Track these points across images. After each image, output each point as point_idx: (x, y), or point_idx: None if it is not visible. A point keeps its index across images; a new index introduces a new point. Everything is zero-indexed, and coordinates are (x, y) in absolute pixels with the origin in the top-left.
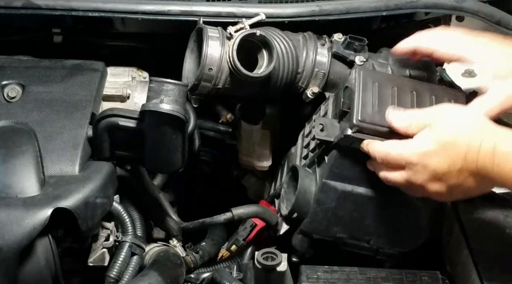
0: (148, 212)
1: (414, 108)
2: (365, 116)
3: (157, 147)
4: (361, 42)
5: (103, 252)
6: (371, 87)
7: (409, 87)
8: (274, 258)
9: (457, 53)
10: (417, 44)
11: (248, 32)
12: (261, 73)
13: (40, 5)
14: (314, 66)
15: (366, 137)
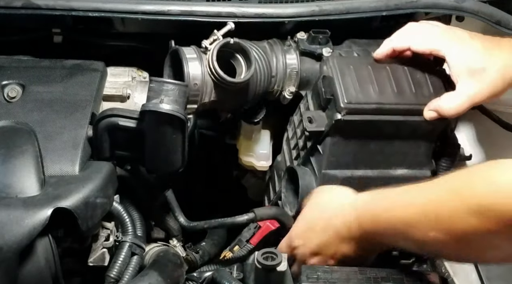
0: (148, 212)
1: (392, 81)
2: (350, 98)
3: (157, 147)
4: (325, 34)
5: (103, 252)
6: (348, 71)
7: (382, 65)
8: (274, 258)
9: (431, 46)
10: (394, 44)
11: (224, 41)
12: (244, 78)
13: (40, 5)
14: (286, 67)
15: (355, 117)
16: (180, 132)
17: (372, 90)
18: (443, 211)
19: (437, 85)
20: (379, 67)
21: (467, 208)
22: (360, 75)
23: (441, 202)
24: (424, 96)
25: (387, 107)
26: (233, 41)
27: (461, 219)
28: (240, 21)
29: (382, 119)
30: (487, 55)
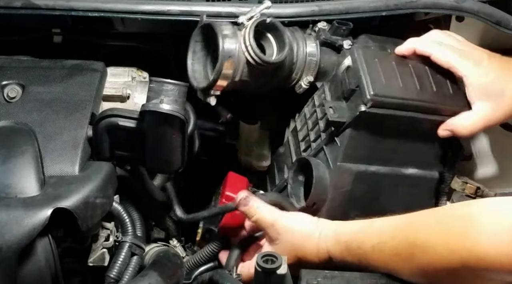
0: (148, 212)
1: (414, 78)
2: (376, 90)
3: (157, 147)
4: (348, 26)
5: (103, 252)
6: (373, 63)
7: (405, 61)
8: (274, 260)
9: (451, 63)
10: (417, 46)
11: (261, 19)
12: (278, 58)
13: (40, 5)
14: (306, 56)
15: (379, 110)
16: (180, 132)
17: (396, 85)
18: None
19: (456, 87)
20: (403, 63)
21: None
22: (385, 68)
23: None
24: (444, 96)
25: (410, 103)
26: (270, 20)
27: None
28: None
29: (404, 115)
30: (504, 78)
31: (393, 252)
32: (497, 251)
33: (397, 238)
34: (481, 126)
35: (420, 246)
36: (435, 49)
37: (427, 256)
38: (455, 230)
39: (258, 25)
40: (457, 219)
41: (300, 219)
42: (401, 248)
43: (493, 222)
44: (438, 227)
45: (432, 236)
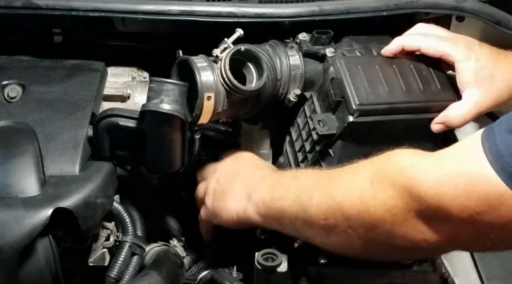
0: (148, 212)
1: (399, 80)
2: (362, 99)
3: (157, 147)
4: (328, 34)
5: (103, 252)
6: (356, 71)
7: (388, 62)
8: (274, 258)
9: (442, 50)
10: (404, 42)
11: (235, 49)
12: (257, 85)
13: (40, 5)
14: (290, 70)
15: (367, 119)
16: (180, 132)
17: (382, 90)
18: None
19: (443, 81)
20: (386, 66)
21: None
22: (369, 75)
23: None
24: (432, 93)
25: (397, 106)
26: (244, 48)
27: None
28: (240, 21)
29: (393, 119)
30: (494, 64)
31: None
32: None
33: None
34: (473, 114)
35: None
36: (423, 41)
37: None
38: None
39: (235, 54)
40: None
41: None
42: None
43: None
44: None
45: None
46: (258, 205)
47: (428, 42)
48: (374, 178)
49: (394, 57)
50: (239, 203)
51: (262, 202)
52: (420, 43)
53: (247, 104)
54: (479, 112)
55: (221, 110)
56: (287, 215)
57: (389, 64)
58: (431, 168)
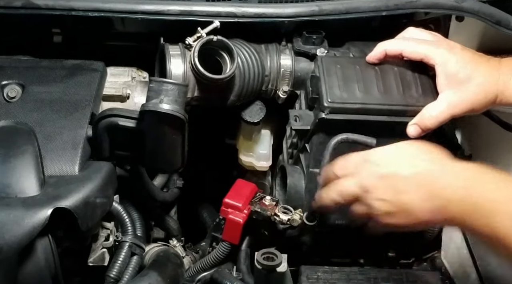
0: (148, 212)
1: (379, 82)
2: (334, 97)
3: (157, 147)
4: (319, 34)
5: (103, 252)
6: (335, 70)
7: (371, 65)
8: (274, 258)
9: (422, 53)
10: (386, 47)
11: (207, 39)
12: (225, 74)
13: (40, 5)
14: (280, 67)
15: (338, 116)
16: (180, 132)
17: (357, 90)
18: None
19: (426, 86)
20: (368, 67)
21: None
22: (347, 74)
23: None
24: (412, 97)
25: (371, 107)
26: (216, 39)
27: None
28: (240, 21)
29: (367, 119)
30: (473, 67)
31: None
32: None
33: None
34: (446, 115)
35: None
36: (403, 45)
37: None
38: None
39: (207, 43)
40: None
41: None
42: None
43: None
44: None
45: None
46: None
47: (408, 46)
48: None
49: (382, 61)
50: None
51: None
52: (401, 47)
53: (220, 94)
54: (452, 114)
55: (190, 97)
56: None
57: (371, 66)
58: None
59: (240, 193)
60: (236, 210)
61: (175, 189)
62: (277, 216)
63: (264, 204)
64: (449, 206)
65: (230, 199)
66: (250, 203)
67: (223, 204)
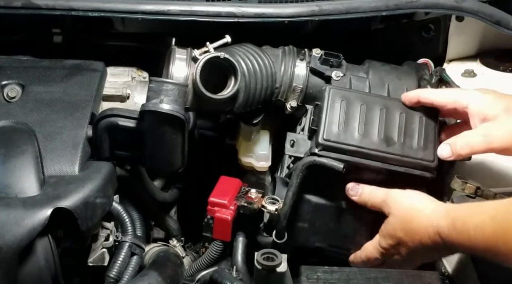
0: (148, 212)
1: (381, 126)
2: (330, 135)
3: (157, 147)
4: (337, 58)
5: (103, 252)
6: (339, 105)
7: (379, 104)
8: (274, 258)
9: (454, 97)
10: (420, 95)
11: (212, 55)
12: (222, 95)
13: (40, 5)
14: (292, 81)
15: (331, 155)
16: (180, 132)
17: (356, 131)
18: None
19: (429, 140)
20: (374, 107)
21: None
22: (350, 112)
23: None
24: (410, 148)
25: (366, 152)
26: (223, 57)
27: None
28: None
29: (361, 162)
30: (508, 102)
31: (492, 235)
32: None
33: (496, 218)
34: (482, 145)
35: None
36: (437, 93)
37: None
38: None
39: (212, 59)
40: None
41: (412, 194)
42: (499, 229)
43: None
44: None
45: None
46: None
47: (439, 93)
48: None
49: (391, 98)
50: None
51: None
52: (432, 95)
53: (223, 106)
54: (489, 147)
55: (189, 106)
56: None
57: (378, 106)
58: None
59: (225, 190)
60: (222, 208)
61: (175, 189)
62: (265, 208)
63: (250, 197)
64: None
65: (215, 197)
66: (236, 198)
67: (209, 203)
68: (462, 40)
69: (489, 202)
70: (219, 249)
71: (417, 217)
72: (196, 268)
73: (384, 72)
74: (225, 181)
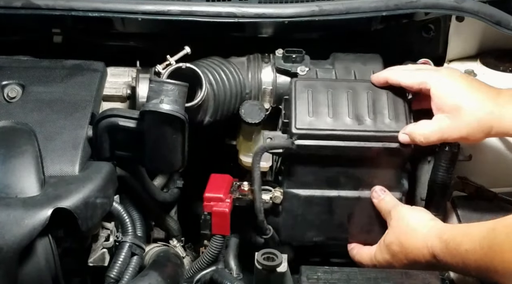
0: (148, 212)
1: (350, 107)
2: (302, 123)
3: (157, 147)
4: (299, 53)
5: (103, 252)
6: (306, 94)
7: (345, 87)
8: (274, 258)
9: (419, 79)
10: (387, 76)
11: (175, 67)
12: (190, 104)
13: (40, 5)
14: (261, 84)
15: (307, 142)
16: (180, 132)
17: (327, 116)
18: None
19: (400, 112)
20: (341, 91)
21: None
22: (318, 99)
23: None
24: (383, 123)
25: (340, 133)
26: (185, 66)
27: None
28: (240, 21)
29: (337, 145)
30: (466, 95)
31: (481, 260)
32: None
33: (483, 245)
34: (435, 136)
35: (500, 259)
36: (403, 73)
37: (506, 269)
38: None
39: (176, 71)
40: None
41: (415, 211)
42: (485, 258)
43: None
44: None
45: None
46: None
47: (406, 75)
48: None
49: (356, 83)
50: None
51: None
52: (399, 75)
53: (194, 115)
54: (442, 139)
55: None
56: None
57: (345, 90)
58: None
59: (218, 185)
60: (219, 202)
61: (175, 189)
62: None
63: (243, 190)
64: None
65: (210, 192)
66: (230, 192)
67: (205, 199)
68: (462, 40)
69: (476, 226)
70: (219, 244)
71: (411, 237)
72: (198, 267)
73: (349, 60)
74: (216, 178)
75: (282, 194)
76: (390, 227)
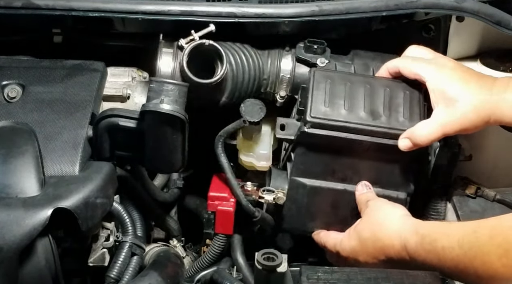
0: (149, 212)
1: (367, 101)
2: (317, 112)
3: (157, 147)
4: (320, 45)
5: (103, 252)
6: (324, 85)
7: (363, 82)
8: (274, 258)
9: (415, 71)
10: (387, 66)
11: (198, 43)
12: (210, 80)
13: (40, 5)
14: (279, 71)
15: (319, 131)
16: (180, 132)
17: (342, 107)
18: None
19: (415, 111)
20: (359, 85)
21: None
22: (335, 90)
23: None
24: (397, 121)
25: (353, 126)
26: (208, 43)
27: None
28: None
29: (350, 137)
30: (461, 86)
31: (459, 259)
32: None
33: (463, 244)
34: (437, 133)
35: (481, 261)
36: (401, 63)
37: (487, 272)
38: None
39: (198, 47)
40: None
41: (394, 206)
42: (465, 258)
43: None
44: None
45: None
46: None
47: (404, 64)
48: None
49: (374, 79)
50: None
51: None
52: (398, 65)
53: (212, 94)
54: (444, 133)
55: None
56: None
57: (363, 84)
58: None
59: (221, 185)
60: (223, 201)
61: (175, 189)
62: (262, 198)
63: (247, 190)
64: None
65: (214, 192)
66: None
67: (209, 198)
68: (462, 40)
69: (456, 225)
70: (222, 243)
71: (386, 226)
72: (199, 266)
73: (368, 58)
74: (219, 177)
75: (285, 195)
76: (364, 214)
